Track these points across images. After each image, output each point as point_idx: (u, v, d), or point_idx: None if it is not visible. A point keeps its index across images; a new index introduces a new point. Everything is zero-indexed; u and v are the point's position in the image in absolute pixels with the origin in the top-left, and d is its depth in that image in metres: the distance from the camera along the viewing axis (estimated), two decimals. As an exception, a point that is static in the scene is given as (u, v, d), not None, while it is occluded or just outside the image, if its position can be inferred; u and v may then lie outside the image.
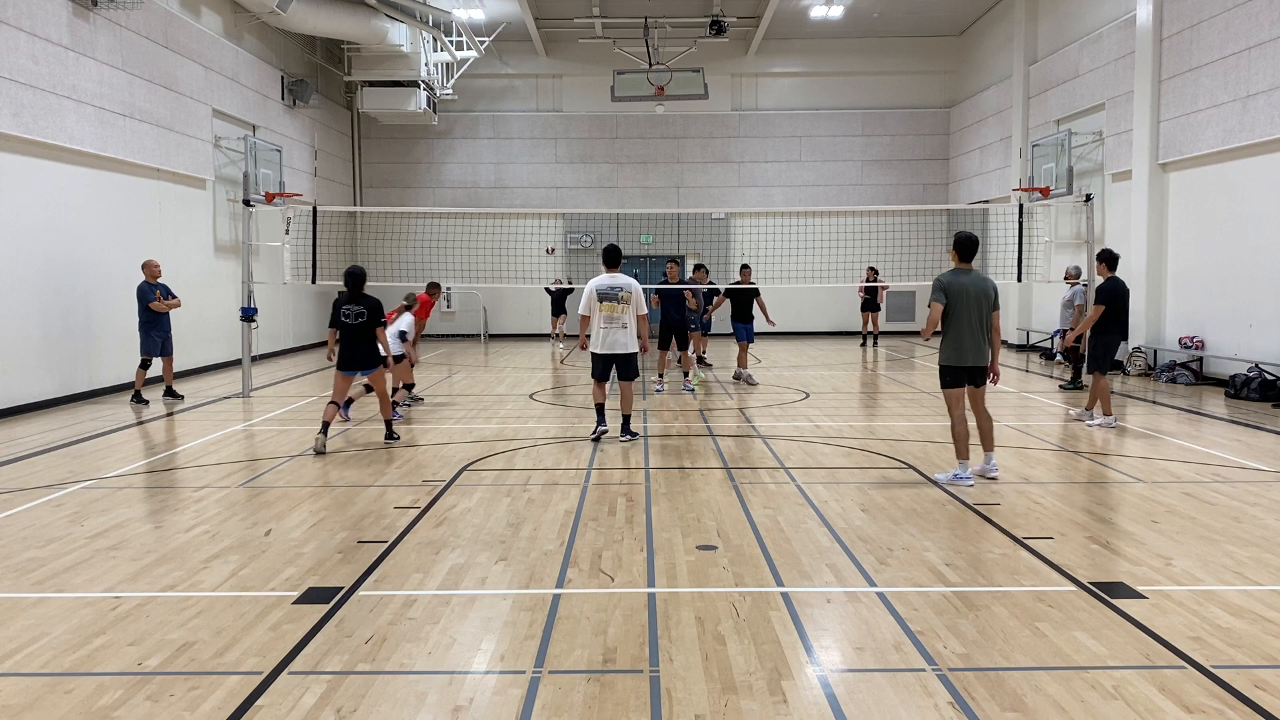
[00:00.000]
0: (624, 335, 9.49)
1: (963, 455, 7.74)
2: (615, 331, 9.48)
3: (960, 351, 7.73)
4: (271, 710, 3.76)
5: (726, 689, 3.91)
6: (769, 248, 22.99)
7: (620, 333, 9.49)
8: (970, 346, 7.70)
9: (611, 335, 9.49)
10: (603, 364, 9.65)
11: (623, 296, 9.42)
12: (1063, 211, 19.08)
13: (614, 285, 9.45)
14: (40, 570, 5.59)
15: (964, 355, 7.72)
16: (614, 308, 9.40)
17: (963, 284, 7.71)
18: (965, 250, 7.88)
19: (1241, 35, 13.64)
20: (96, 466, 8.69)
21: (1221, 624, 4.59)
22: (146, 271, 12.76)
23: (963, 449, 7.75)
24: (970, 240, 7.91)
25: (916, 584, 5.21)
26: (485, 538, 6.22)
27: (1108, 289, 10.49)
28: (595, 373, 9.74)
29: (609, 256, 9.66)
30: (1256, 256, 13.50)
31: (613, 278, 9.53)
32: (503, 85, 26.22)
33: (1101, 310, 10.42)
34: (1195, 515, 6.67)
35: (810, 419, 11.29)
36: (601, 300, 9.44)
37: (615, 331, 9.48)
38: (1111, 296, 10.45)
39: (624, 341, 9.51)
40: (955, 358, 7.77)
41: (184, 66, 16.26)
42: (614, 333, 9.48)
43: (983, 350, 7.74)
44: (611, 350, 9.52)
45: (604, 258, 9.73)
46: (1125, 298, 10.67)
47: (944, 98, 26.32)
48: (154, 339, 12.65)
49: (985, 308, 7.73)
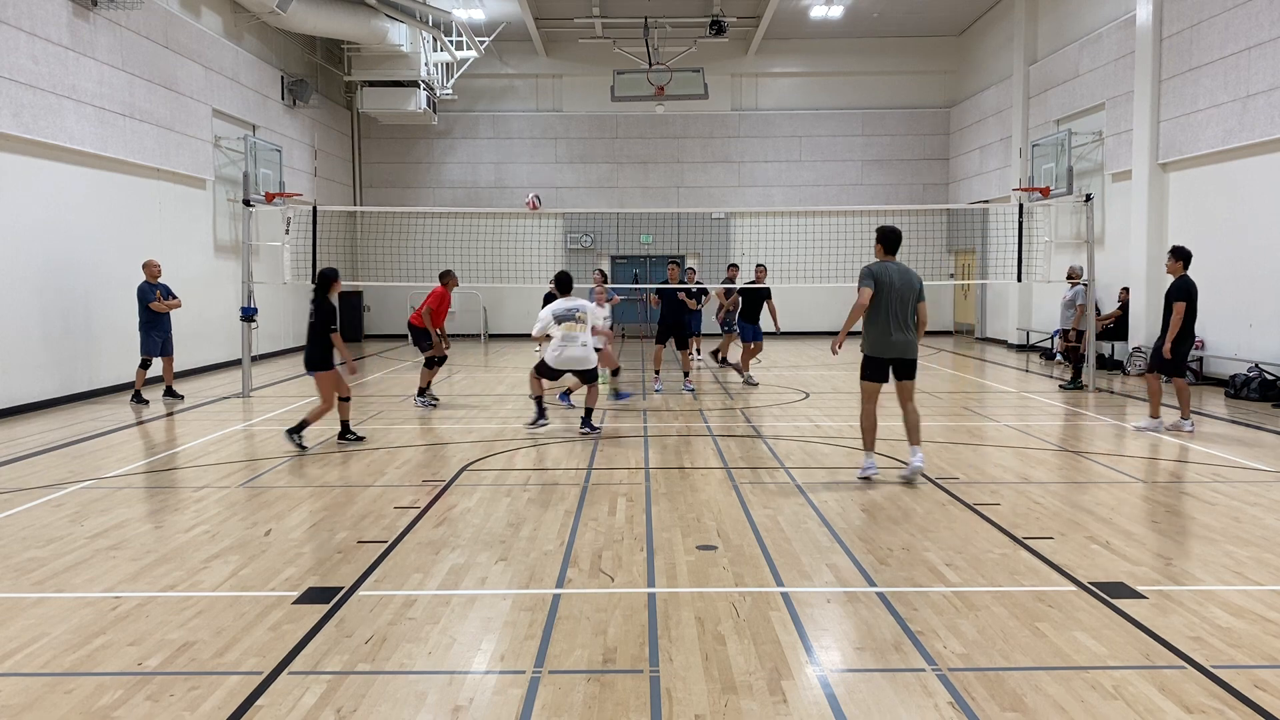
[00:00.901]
0: (581, 350, 10.21)
1: (869, 447, 7.86)
2: (574, 348, 10.17)
3: (885, 343, 7.68)
4: (271, 710, 3.76)
5: (726, 689, 3.91)
6: (769, 248, 22.99)
7: (579, 349, 10.19)
8: (896, 338, 7.66)
9: (570, 351, 10.16)
10: (555, 373, 10.46)
11: (578, 316, 10.22)
12: (1063, 211, 19.08)
13: (570, 308, 10.24)
14: (40, 570, 5.59)
15: (888, 347, 7.67)
16: (572, 326, 10.17)
17: (889, 274, 7.66)
18: (889, 242, 7.81)
19: (1241, 35, 13.63)
20: (96, 466, 8.69)
21: (1221, 624, 4.59)
22: (146, 271, 12.75)
23: (869, 440, 7.85)
24: (894, 233, 7.85)
25: (916, 584, 5.21)
26: (485, 538, 6.22)
27: (1184, 287, 9.88)
28: (545, 373, 10.44)
29: (561, 284, 10.57)
30: (1256, 256, 13.50)
31: (568, 301, 10.31)
32: (503, 85, 26.22)
33: (1183, 309, 9.78)
34: (1195, 515, 6.67)
35: (810, 419, 11.29)
36: (560, 321, 10.17)
37: (574, 348, 10.17)
38: (1189, 295, 9.85)
39: (580, 356, 10.21)
40: (879, 348, 7.72)
41: (184, 66, 16.26)
42: (572, 349, 10.16)
43: (909, 343, 7.71)
44: (568, 366, 10.29)
45: (557, 285, 10.64)
46: (1196, 296, 10.01)
47: (944, 98, 26.32)
48: (154, 339, 12.65)
49: (911, 299, 7.69)
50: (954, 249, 25.92)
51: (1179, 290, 9.89)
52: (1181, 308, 9.78)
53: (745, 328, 14.85)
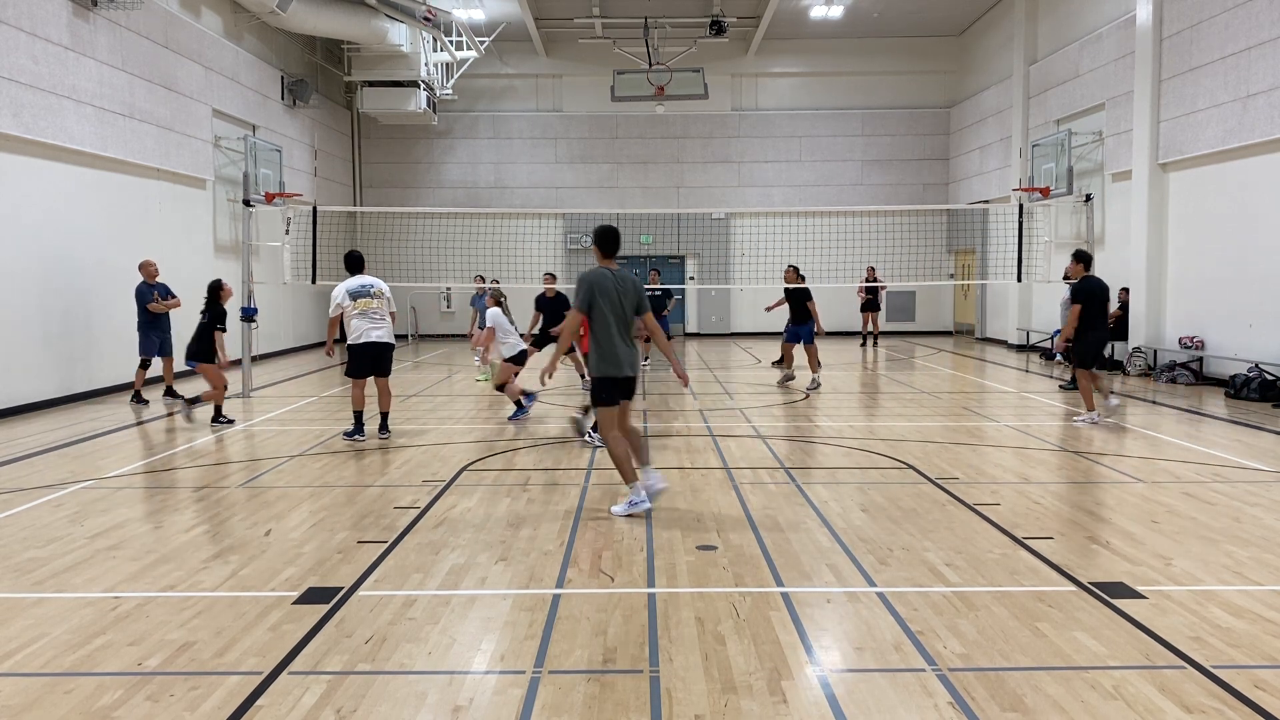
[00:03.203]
0: (382, 330, 9.91)
1: (631, 478, 6.76)
2: (370, 323, 9.84)
3: (616, 361, 6.71)
4: (271, 710, 3.76)
5: (726, 689, 3.91)
6: (769, 248, 22.99)
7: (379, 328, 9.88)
8: (624, 354, 6.73)
9: (368, 330, 9.83)
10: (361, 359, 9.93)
11: (374, 293, 9.87)
12: (1063, 211, 19.08)
13: (364, 284, 9.89)
14: (40, 570, 5.59)
15: (620, 365, 6.71)
16: (368, 303, 9.85)
17: (605, 284, 6.70)
18: (606, 244, 6.85)
19: (1241, 35, 13.63)
20: (96, 466, 8.69)
21: (1221, 624, 4.59)
22: (144, 272, 12.72)
23: (629, 472, 6.77)
24: (610, 233, 6.86)
25: (916, 584, 5.21)
26: (485, 538, 6.22)
27: (1083, 287, 10.67)
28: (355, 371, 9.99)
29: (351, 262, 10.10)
30: (1256, 256, 13.50)
31: (361, 278, 9.96)
32: (503, 85, 26.22)
33: (1079, 310, 10.55)
34: (1195, 515, 6.67)
35: (810, 419, 11.29)
36: (355, 298, 9.80)
37: (370, 323, 9.84)
38: (1088, 295, 10.58)
39: (380, 337, 9.89)
40: (612, 368, 6.72)
41: (184, 66, 16.26)
42: (369, 325, 9.83)
43: (635, 358, 6.83)
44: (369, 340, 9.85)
45: (346, 263, 10.14)
46: (1102, 294, 10.72)
47: (944, 98, 26.32)
48: (152, 339, 12.62)
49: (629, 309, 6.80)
50: (954, 249, 25.93)
51: (1078, 291, 10.67)
52: (1078, 309, 10.55)
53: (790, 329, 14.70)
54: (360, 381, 10.03)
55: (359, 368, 9.97)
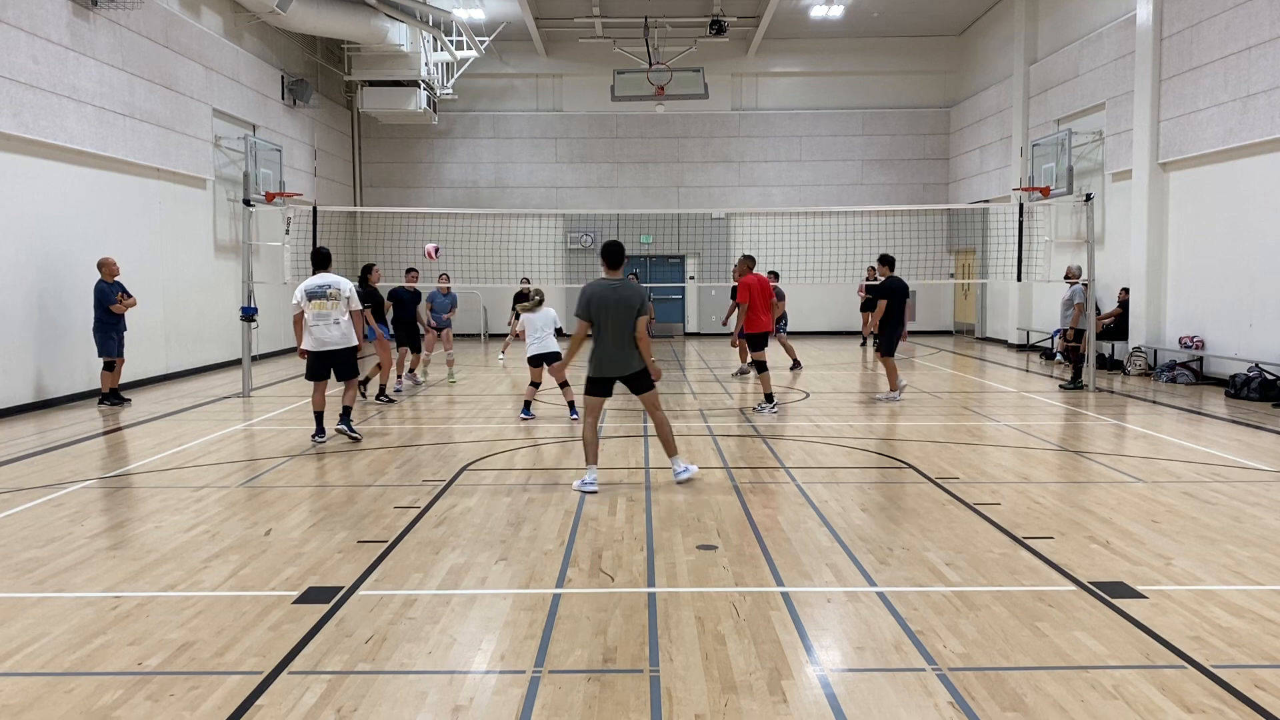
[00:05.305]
0: (337, 332, 9.57)
1: (591, 461, 7.55)
2: (327, 328, 9.54)
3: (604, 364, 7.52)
4: (271, 710, 3.76)
5: (726, 689, 3.91)
6: (769, 248, 22.98)
7: (333, 330, 9.56)
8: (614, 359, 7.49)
9: (323, 332, 9.54)
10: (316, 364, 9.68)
11: (330, 294, 9.51)
12: (1063, 211, 19.08)
13: (323, 284, 9.53)
14: (40, 570, 5.59)
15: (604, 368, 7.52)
16: (323, 304, 9.49)
17: (602, 296, 7.40)
18: (610, 258, 7.56)
19: (1241, 35, 13.63)
20: (96, 466, 8.70)
21: (1221, 624, 4.59)
22: (104, 270, 12.38)
23: (592, 455, 7.55)
24: (615, 247, 7.55)
25: (916, 584, 5.21)
26: (485, 538, 6.22)
27: (888, 286, 12.58)
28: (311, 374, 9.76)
29: (318, 260, 9.84)
30: (1256, 256, 13.50)
31: (322, 277, 9.62)
32: (503, 85, 26.22)
33: (885, 305, 12.50)
34: (1195, 515, 6.67)
35: (810, 419, 11.29)
36: (311, 298, 9.49)
37: (327, 328, 9.54)
38: (891, 293, 12.51)
39: (335, 338, 9.58)
40: (601, 369, 7.55)
41: (184, 66, 16.26)
42: (325, 329, 9.54)
43: (625, 362, 7.50)
44: (323, 348, 9.58)
45: (314, 261, 9.88)
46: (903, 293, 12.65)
47: (944, 97, 26.32)
48: (113, 340, 12.34)
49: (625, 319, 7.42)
50: (954, 249, 25.92)
51: (883, 290, 12.63)
52: (884, 304, 12.52)
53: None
54: (321, 384, 9.82)
55: (314, 371, 9.73)
